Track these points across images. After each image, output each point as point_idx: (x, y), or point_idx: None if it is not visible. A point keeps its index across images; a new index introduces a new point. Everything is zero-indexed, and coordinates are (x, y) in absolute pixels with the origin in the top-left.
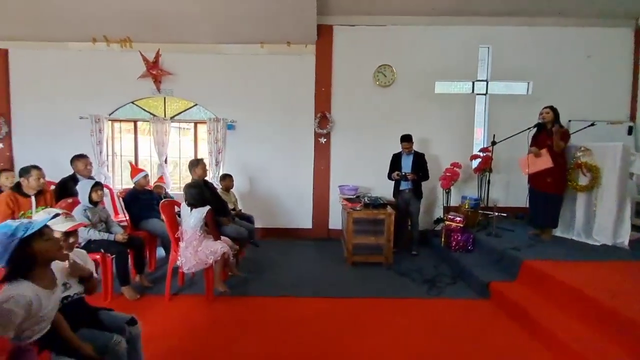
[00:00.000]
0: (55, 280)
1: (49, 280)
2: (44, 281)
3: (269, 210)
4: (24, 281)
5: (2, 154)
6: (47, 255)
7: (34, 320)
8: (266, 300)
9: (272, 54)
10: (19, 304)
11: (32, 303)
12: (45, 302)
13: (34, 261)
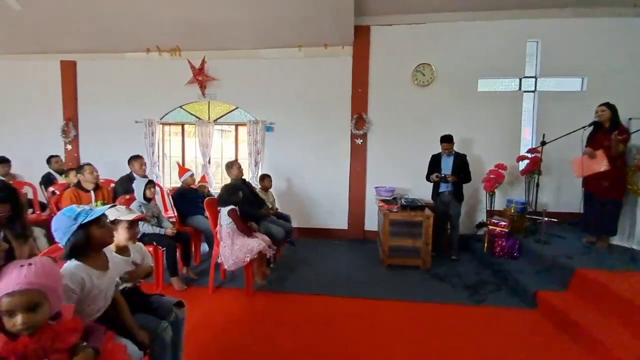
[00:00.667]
0: (108, 263)
1: (102, 262)
2: (96, 262)
3: (305, 210)
4: (78, 262)
5: (70, 155)
6: (100, 241)
7: (89, 299)
8: (302, 297)
9: (309, 57)
10: (73, 281)
11: (84, 282)
12: (97, 281)
13: (89, 244)
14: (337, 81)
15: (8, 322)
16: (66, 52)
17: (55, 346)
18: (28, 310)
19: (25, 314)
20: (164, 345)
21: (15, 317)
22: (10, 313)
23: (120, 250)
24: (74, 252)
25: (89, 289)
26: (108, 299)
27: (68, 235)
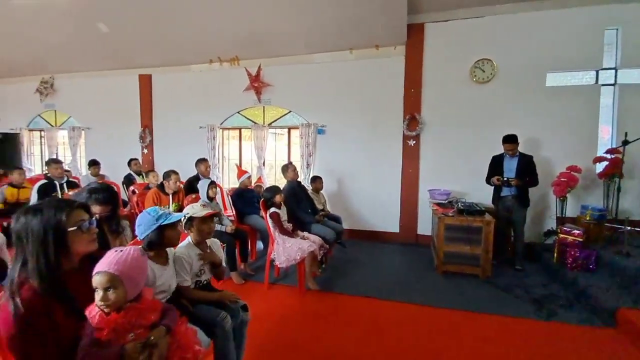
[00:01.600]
0: (168, 259)
1: (164, 259)
2: (160, 259)
3: (355, 212)
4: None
5: (146, 158)
6: (171, 241)
7: (155, 289)
8: (353, 299)
9: (360, 59)
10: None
11: (150, 274)
12: (159, 273)
13: (162, 243)
14: (388, 82)
15: (96, 296)
16: (143, 67)
17: (139, 322)
18: (105, 290)
19: (103, 292)
20: (225, 333)
21: (98, 293)
22: (95, 290)
23: (198, 244)
24: (149, 247)
25: (153, 281)
26: (172, 288)
27: (148, 232)
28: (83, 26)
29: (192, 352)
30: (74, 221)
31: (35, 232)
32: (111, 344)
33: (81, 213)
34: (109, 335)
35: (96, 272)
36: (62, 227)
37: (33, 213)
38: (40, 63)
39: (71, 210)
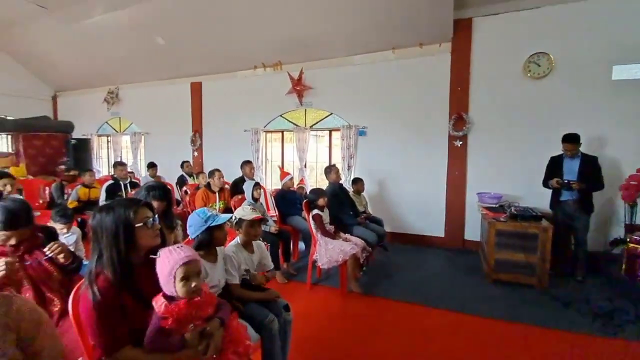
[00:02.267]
0: (217, 257)
1: (213, 256)
2: (209, 257)
3: (398, 215)
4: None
5: (197, 160)
6: (219, 241)
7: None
8: (396, 304)
9: (403, 58)
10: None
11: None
12: (210, 272)
13: (210, 243)
14: (433, 81)
15: (183, 286)
16: (194, 75)
17: (198, 314)
18: (197, 275)
19: (197, 278)
20: (272, 335)
21: (191, 281)
22: (186, 279)
23: (245, 245)
24: (199, 246)
25: (203, 277)
26: (221, 284)
27: (198, 232)
28: (143, 41)
29: (243, 346)
30: (140, 218)
31: (108, 228)
32: (174, 333)
33: (146, 211)
34: (173, 324)
35: (188, 261)
36: (131, 223)
37: (107, 211)
38: (107, 75)
39: (138, 208)
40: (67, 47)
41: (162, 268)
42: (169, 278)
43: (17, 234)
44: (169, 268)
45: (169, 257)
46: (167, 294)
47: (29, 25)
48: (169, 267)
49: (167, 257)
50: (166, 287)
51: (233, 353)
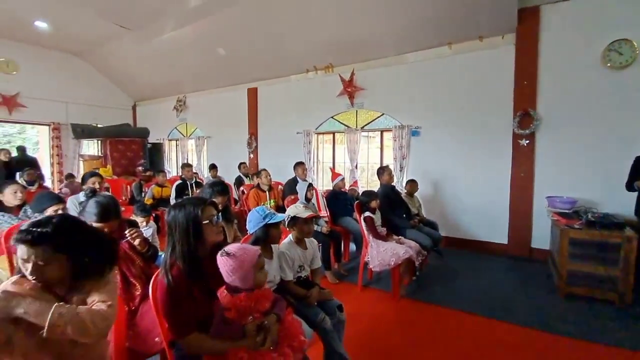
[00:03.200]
0: (272, 254)
1: (269, 253)
2: (265, 253)
3: (454, 219)
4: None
5: (252, 162)
6: (274, 239)
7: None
8: (452, 312)
9: (460, 54)
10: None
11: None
12: (266, 268)
13: (266, 239)
14: (494, 75)
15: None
16: (251, 81)
17: (256, 307)
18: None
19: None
20: (328, 332)
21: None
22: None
23: (298, 242)
24: (256, 243)
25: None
26: (276, 279)
27: (256, 228)
28: (206, 52)
29: (298, 341)
30: (207, 215)
31: (180, 223)
32: (235, 323)
33: (212, 209)
34: (235, 314)
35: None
36: (199, 220)
37: (179, 208)
38: (176, 85)
39: (205, 206)
40: (143, 62)
41: (244, 262)
42: (250, 269)
43: (108, 225)
44: (250, 261)
45: (247, 251)
46: (241, 286)
47: (113, 44)
48: (250, 260)
49: (246, 251)
50: (244, 280)
51: (288, 347)
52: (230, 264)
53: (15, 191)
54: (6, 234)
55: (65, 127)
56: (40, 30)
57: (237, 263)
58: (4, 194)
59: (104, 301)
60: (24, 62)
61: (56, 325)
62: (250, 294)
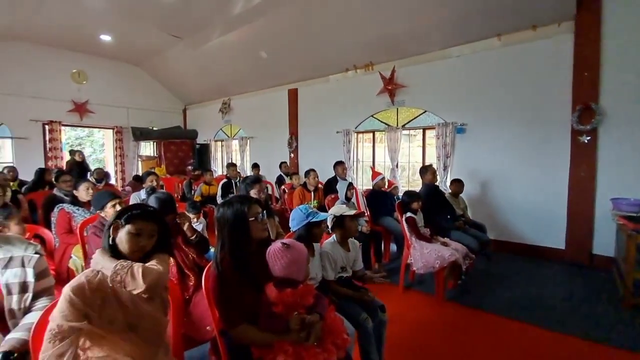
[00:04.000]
0: (314, 252)
1: (311, 251)
2: (309, 251)
3: (504, 221)
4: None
5: (292, 161)
6: (315, 237)
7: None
8: (500, 320)
9: (510, 45)
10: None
11: None
12: (309, 265)
13: (308, 238)
14: (549, 67)
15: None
16: (291, 82)
17: (301, 302)
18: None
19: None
20: (367, 332)
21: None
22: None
23: (341, 243)
24: (298, 240)
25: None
26: (318, 277)
27: (299, 226)
28: (249, 56)
29: (341, 338)
30: (252, 213)
31: (228, 220)
32: (281, 317)
33: (257, 207)
34: (282, 309)
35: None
36: (245, 217)
37: (227, 206)
38: (222, 89)
39: (251, 204)
40: (193, 68)
41: (301, 254)
42: (305, 262)
43: (167, 219)
44: (306, 254)
45: (302, 246)
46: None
47: (166, 52)
48: (305, 253)
49: (299, 247)
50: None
51: (332, 344)
52: (289, 257)
53: (87, 188)
54: (81, 226)
55: (126, 130)
56: (105, 43)
57: (296, 255)
58: (78, 191)
59: (154, 264)
60: (91, 72)
61: (116, 273)
62: (296, 290)
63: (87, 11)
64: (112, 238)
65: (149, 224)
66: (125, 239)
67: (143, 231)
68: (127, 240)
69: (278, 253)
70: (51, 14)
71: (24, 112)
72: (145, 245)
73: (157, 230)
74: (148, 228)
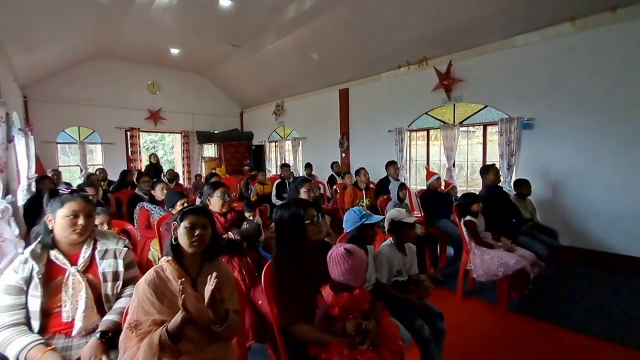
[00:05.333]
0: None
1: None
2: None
3: (580, 226)
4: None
5: (344, 161)
6: (368, 239)
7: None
8: (572, 335)
9: (586, 30)
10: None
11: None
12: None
13: (360, 240)
14: (635, 52)
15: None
16: (342, 83)
17: (357, 306)
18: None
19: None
20: (424, 339)
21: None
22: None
23: (398, 246)
24: (351, 241)
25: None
26: (372, 280)
27: (352, 228)
28: (301, 58)
29: (396, 344)
30: (308, 215)
31: (286, 222)
32: (337, 320)
33: (313, 210)
34: (338, 312)
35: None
36: (301, 219)
37: (285, 208)
38: (275, 92)
39: (307, 207)
40: (249, 73)
41: (362, 262)
42: (364, 270)
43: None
44: (365, 261)
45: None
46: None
47: (225, 60)
48: (365, 261)
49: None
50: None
51: (387, 349)
52: (350, 264)
53: (162, 188)
54: (158, 222)
55: (191, 134)
56: (174, 55)
57: (356, 263)
58: (155, 191)
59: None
60: (163, 82)
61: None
62: (352, 294)
63: (160, 29)
64: (174, 238)
65: (200, 216)
66: (182, 232)
67: (196, 223)
68: (184, 234)
69: (340, 258)
70: (131, 33)
71: (110, 120)
72: (202, 235)
73: (209, 222)
74: (200, 220)
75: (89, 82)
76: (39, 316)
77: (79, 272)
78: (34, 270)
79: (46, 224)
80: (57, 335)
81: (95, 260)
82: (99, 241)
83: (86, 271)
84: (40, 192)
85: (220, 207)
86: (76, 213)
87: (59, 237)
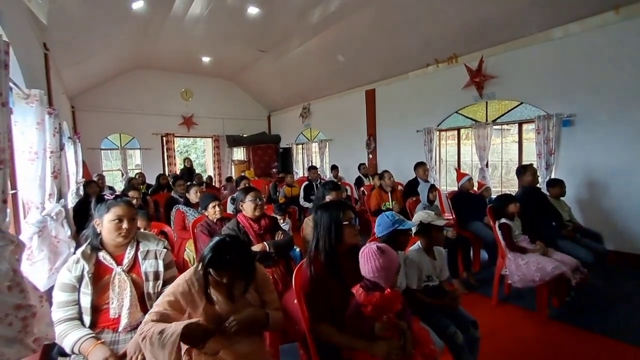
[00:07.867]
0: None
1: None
2: None
3: (628, 230)
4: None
5: (371, 162)
6: (400, 245)
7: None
8: (616, 345)
9: (632, 18)
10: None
11: None
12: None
13: (394, 245)
14: None
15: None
16: (368, 83)
17: (389, 307)
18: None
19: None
20: (458, 345)
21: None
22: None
23: (427, 250)
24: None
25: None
26: (402, 285)
27: (384, 232)
28: (327, 61)
29: (429, 349)
30: (346, 217)
31: (324, 222)
32: (368, 320)
33: (350, 213)
34: (371, 311)
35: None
36: (340, 221)
37: (325, 209)
38: (302, 94)
39: (345, 210)
40: (276, 77)
41: (393, 261)
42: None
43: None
44: (397, 261)
45: (392, 255)
46: (383, 284)
47: (253, 65)
48: (397, 260)
49: (392, 255)
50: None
51: (420, 354)
52: (381, 261)
53: (196, 191)
54: (192, 224)
55: (222, 138)
56: (205, 63)
57: (387, 262)
58: (189, 194)
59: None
60: (195, 89)
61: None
62: (383, 294)
63: (192, 38)
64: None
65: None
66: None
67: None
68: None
69: (372, 255)
70: (166, 44)
71: (148, 127)
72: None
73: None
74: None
75: (128, 92)
76: (89, 312)
77: (124, 272)
78: (85, 270)
79: (94, 227)
80: (105, 330)
81: (138, 261)
82: (141, 242)
83: (130, 271)
84: (88, 195)
85: (253, 211)
86: (120, 217)
87: (106, 240)
